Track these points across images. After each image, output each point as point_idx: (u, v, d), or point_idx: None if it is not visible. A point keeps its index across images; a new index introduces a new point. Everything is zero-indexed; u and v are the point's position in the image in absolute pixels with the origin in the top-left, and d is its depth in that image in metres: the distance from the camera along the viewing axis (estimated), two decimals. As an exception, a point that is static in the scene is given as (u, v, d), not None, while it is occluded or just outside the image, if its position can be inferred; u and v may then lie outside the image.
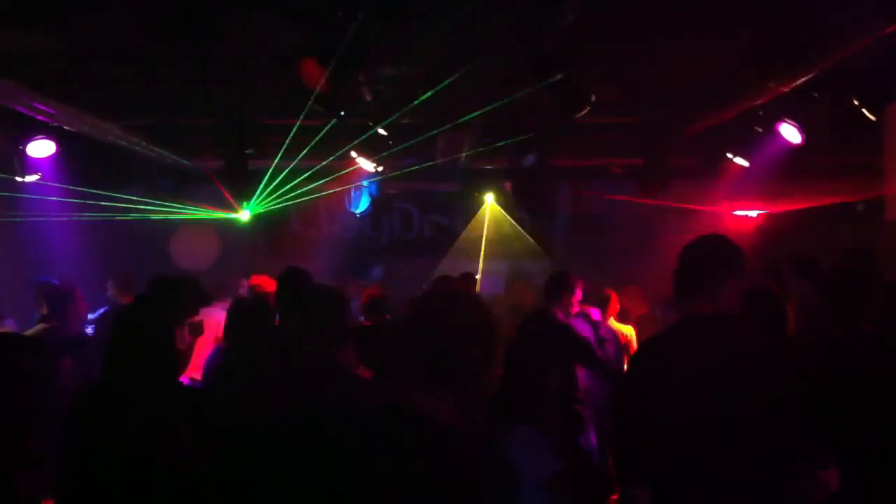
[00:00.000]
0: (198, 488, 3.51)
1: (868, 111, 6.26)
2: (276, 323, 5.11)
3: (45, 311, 6.51)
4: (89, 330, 7.32)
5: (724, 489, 3.12)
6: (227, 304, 5.91)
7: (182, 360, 4.53)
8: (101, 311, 7.80)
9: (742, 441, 3.10)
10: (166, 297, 5.09)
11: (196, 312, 5.39)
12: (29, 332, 6.35)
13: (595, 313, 7.33)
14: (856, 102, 6.22)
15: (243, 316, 5.41)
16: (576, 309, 6.66)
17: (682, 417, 3.15)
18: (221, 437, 3.61)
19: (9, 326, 7.68)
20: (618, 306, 8.06)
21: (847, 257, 5.76)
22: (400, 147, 8.59)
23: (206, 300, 6.03)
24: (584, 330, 6.77)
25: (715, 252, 3.42)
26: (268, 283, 6.51)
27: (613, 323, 8.04)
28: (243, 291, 8.12)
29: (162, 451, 3.43)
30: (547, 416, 3.80)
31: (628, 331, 8.12)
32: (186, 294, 5.57)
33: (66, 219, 9.74)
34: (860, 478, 3.52)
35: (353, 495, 2.47)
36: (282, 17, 5.61)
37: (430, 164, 9.39)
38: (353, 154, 8.58)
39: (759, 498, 3.12)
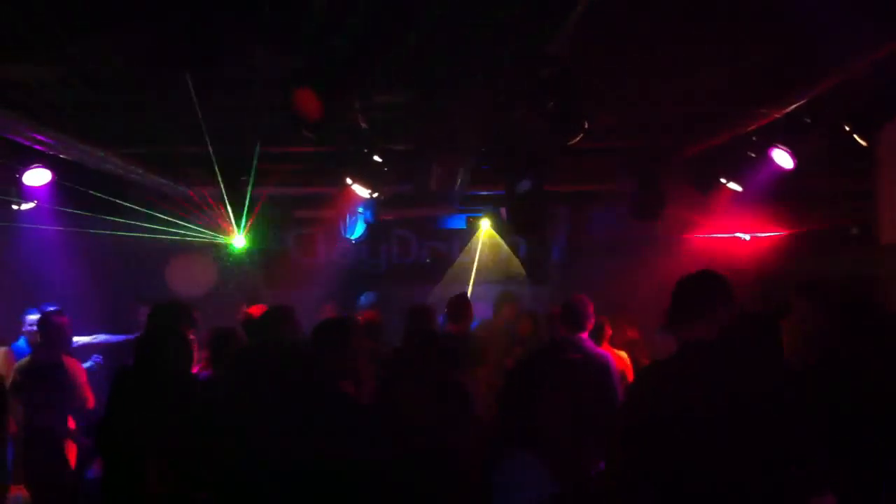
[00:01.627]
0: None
1: (860, 137, 6.29)
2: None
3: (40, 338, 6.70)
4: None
5: None
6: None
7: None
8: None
9: (746, 468, 3.14)
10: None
11: None
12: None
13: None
14: (847, 128, 6.25)
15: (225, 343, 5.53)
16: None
17: (688, 442, 3.21)
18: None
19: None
20: (610, 332, 8.06)
21: (852, 283, 5.76)
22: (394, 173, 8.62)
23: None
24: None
25: (710, 282, 3.68)
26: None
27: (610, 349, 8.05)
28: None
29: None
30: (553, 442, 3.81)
31: (625, 356, 8.12)
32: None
33: (61, 244, 9.77)
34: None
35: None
36: (277, 45, 5.65)
37: (425, 190, 9.41)
38: (349, 181, 8.60)
39: None
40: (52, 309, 7.50)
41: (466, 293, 7.88)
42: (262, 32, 5.44)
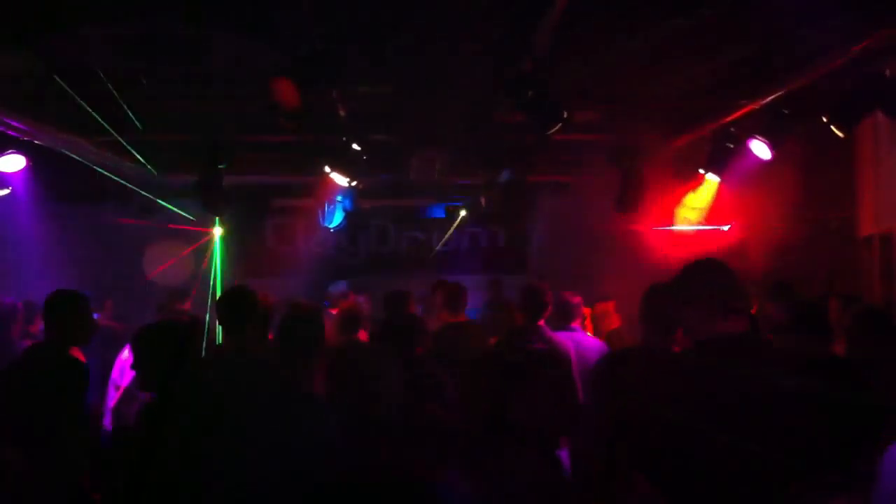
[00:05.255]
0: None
1: (838, 129, 6.30)
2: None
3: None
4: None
5: None
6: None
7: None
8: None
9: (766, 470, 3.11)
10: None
11: None
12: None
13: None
14: (825, 120, 6.26)
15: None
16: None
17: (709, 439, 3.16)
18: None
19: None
20: (588, 317, 8.06)
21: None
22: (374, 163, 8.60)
23: None
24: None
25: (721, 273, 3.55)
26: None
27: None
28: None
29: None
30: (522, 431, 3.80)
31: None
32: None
33: (36, 232, 9.67)
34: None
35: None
36: (257, 36, 5.61)
37: (404, 179, 9.40)
38: (327, 169, 8.56)
39: None
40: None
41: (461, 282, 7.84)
42: (243, 24, 5.39)
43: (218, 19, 5.34)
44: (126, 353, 6.64)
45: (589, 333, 7.95)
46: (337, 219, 10.80)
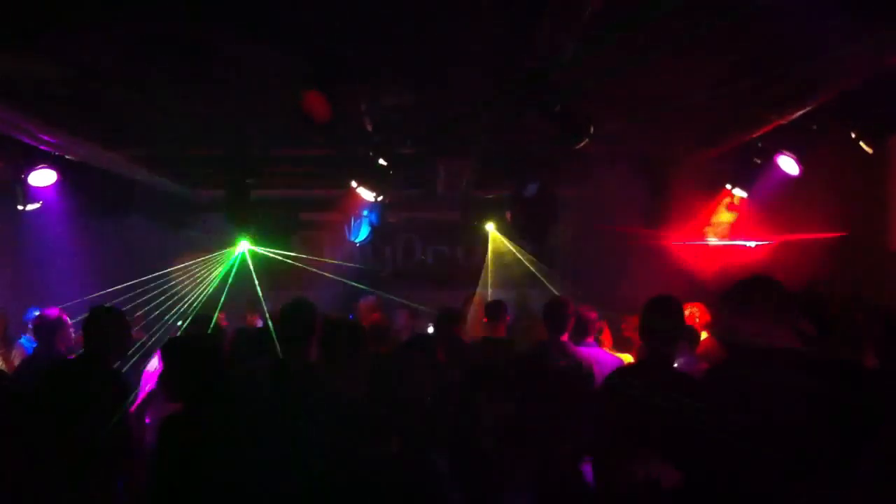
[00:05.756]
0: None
1: (866, 144, 6.27)
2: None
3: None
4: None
5: None
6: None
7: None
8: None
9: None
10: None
11: None
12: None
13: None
14: (853, 135, 6.23)
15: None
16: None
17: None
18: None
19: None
20: (607, 333, 8.09)
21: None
22: (400, 176, 8.63)
23: None
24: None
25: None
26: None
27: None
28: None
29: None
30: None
31: (627, 360, 8.10)
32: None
33: (67, 245, 9.78)
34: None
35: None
36: (285, 48, 5.65)
37: (431, 193, 9.42)
38: (354, 184, 8.60)
39: None
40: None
41: (501, 299, 7.92)
42: (273, 36, 5.44)
43: (245, 31, 5.39)
44: (152, 364, 6.75)
45: (606, 348, 7.97)
46: (363, 233, 10.84)
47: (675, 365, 5.09)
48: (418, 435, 3.59)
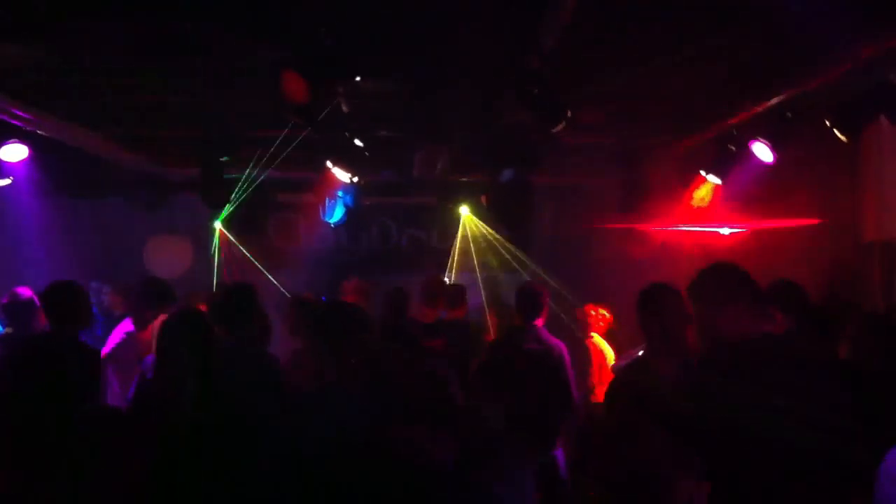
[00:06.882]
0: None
1: (842, 133, 6.30)
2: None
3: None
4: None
5: None
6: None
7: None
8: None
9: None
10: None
11: None
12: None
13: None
14: (828, 124, 6.26)
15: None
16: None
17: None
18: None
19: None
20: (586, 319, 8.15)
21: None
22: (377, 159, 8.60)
23: None
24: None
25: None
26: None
27: (597, 339, 8.13)
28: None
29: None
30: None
31: (606, 348, 8.17)
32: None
33: (38, 222, 9.67)
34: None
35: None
36: (262, 32, 5.60)
37: (407, 176, 9.39)
38: (329, 165, 8.57)
39: None
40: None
41: (462, 283, 7.92)
42: (247, 19, 5.38)
43: (222, 14, 5.34)
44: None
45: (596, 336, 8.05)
46: (338, 214, 10.79)
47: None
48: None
